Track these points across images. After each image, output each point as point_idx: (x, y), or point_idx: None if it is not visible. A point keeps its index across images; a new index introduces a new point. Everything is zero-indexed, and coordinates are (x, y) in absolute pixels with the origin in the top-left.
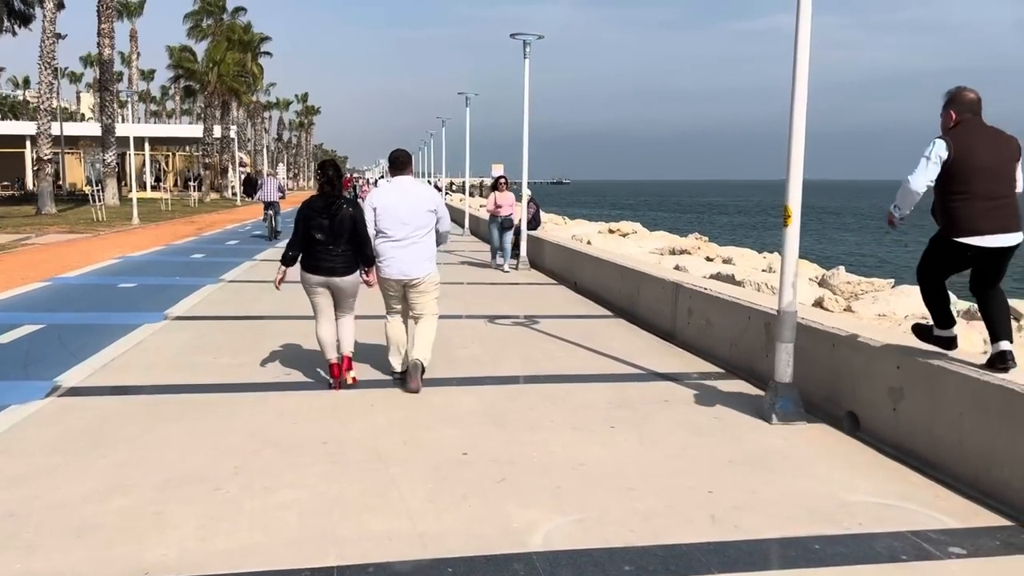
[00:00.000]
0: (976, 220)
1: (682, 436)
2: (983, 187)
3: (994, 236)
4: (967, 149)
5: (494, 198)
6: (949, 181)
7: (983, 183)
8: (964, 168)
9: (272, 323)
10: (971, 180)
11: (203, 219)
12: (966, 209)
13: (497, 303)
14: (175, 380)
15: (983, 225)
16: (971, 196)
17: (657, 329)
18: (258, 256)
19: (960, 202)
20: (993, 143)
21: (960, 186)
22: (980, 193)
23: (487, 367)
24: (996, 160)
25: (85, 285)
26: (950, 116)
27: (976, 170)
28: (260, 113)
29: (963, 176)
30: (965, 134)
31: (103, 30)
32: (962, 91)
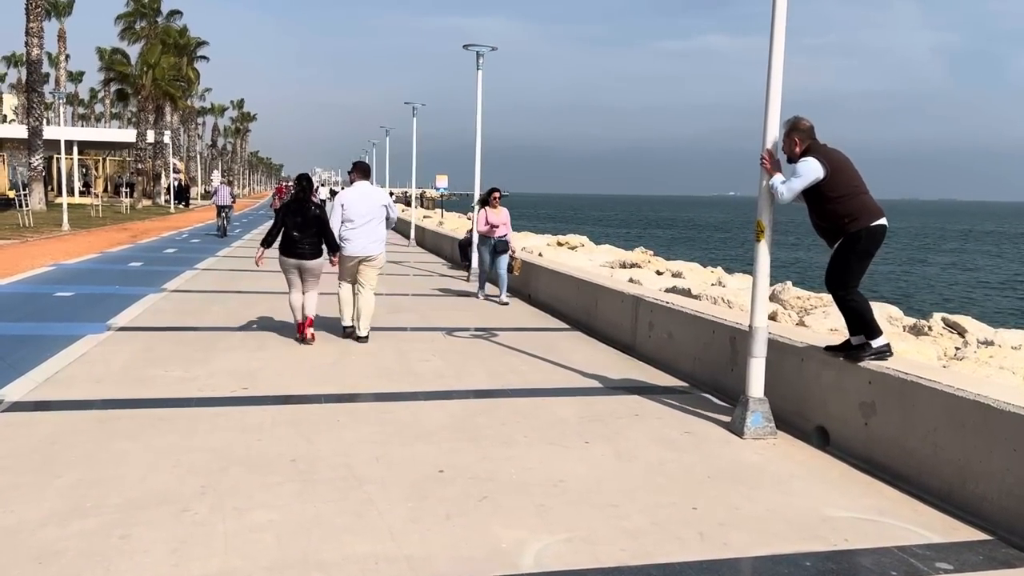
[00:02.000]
0: (872, 207)
1: (657, 451)
2: (858, 184)
3: (884, 218)
4: (836, 161)
5: (485, 215)
6: (834, 189)
7: (855, 181)
8: (843, 175)
9: (223, 335)
10: (853, 181)
11: (137, 226)
12: (863, 202)
13: (453, 315)
14: (126, 394)
15: (876, 210)
16: (859, 193)
17: (616, 342)
18: (199, 265)
19: (856, 198)
20: (835, 151)
21: (846, 189)
22: (862, 189)
23: (451, 381)
24: (848, 164)
25: (18, 294)
26: (795, 142)
27: (844, 172)
28: (194, 119)
29: (845, 180)
30: (825, 151)
31: (31, 29)
32: (800, 120)
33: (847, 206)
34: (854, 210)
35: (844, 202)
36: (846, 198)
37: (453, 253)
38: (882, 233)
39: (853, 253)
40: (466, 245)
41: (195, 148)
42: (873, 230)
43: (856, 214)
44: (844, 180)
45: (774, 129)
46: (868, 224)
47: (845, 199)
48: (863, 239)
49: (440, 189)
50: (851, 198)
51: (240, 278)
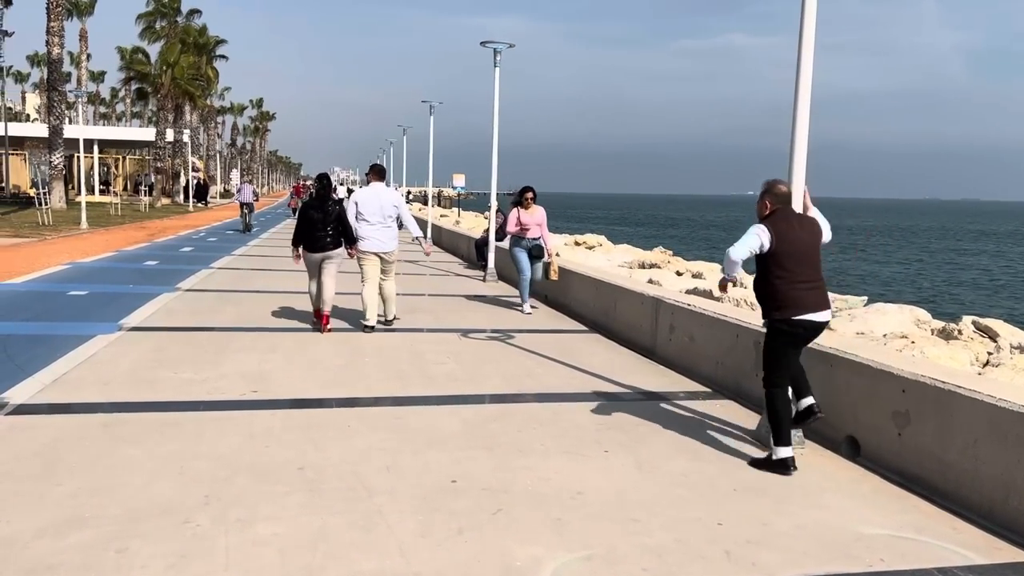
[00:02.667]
0: (801, 300)
1: (680, 461)
2: (799, 271)
3: (816, 313)
4: (785, 237)
5: (517, 216)
6: (772, 265)
7: (798, 268)
8: (782, 253)
9: (234, 335)
10: (789, 265)
11: (155, 224)
12: (790, 291)
13: (468, 316)
14: (134, 397)
15: (807, 305)
16: (792, 280)
17: (636, 345)
18: (215, 264)
19: (782, 283)
20: (802, 231)
21: (781, 271)
22: (798, 279)
23: (466, 385)
24: (805, 248)
25: (32, 292)
26: (765, 205)
27: (791, 256)
28: (214, 118)
29: (782, 261)
30: (781, 223)
31: (52, 28)
32: (777, 184)
33: (777, 289)
34: (782, 297)
35: (776, 285)
36: (780, 281)
37: (470, 253)
38: (809, 328)
39: (773, 342)
40: (482, 244)
41: (215, 147)
42: (794, 324)
43: (782, 302)
44: (784, 262)
45: (803, 136)
46: (790, 316)
47: (779, 282)
48: (781, 332)
49: (457, 188)
50: (784, 283)
51: (254, 277)
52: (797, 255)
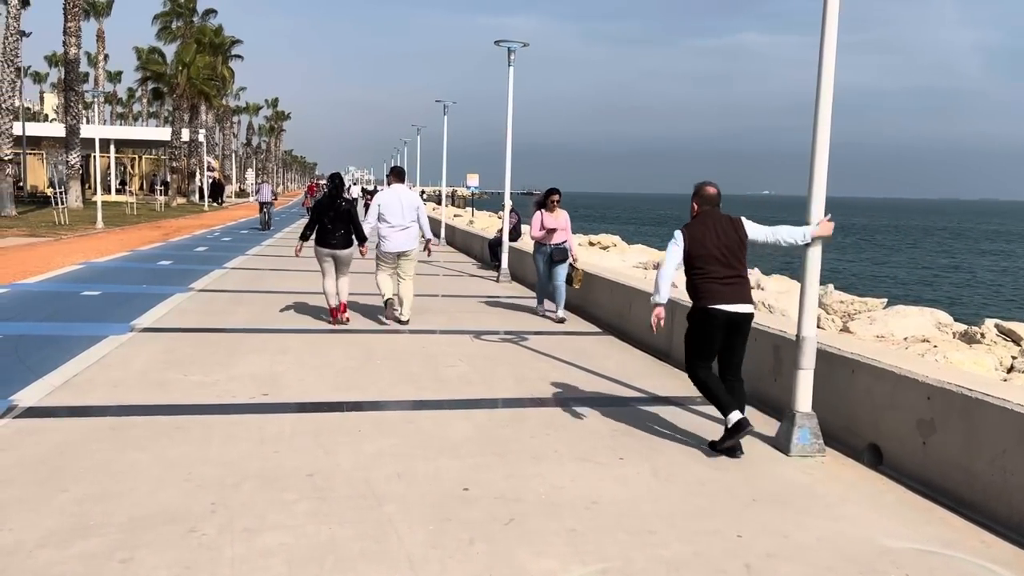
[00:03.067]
0: (713, 294)
1: (697, 469)
2: (713, 269)
3: (732, 304)
4: (697, 242)
5: (540, 219)
6: (690, 264)
7: (712, 267)
8: (696, 256)
9: (245, 336)
10: (705, 265)
11: (170, 224)
12: (704, 285)
13: (481, 318)
14: (143, 399)
15: (718, 297)
16: (706, 277)
17: (651, 348)
18: (228, 264)
19: (699, 280)
20: (721, 234)
21: (697, 269)
22: (712, 275)
23: (479, 388)
24: (720, 249)
25: (46, 292)
26: (694, 207)
27: (705, 258)
28: (229, 117)
29: (699, 261)
30: (697, 227)
31: (69, 28)
32: (704, 186)
33: (695, 284)
34: (699, 289)
35: (694, 279)
36: (697, 277)
37: (483, 253)
38: (718, 318)
39: (690, 329)
40: (496, 245)
41: (230, 147)
42: (703, 313)
43: (699, 294)
44: (696, 262)
45: (824, 137)
46: (706, 306)
47: (696, 277)
48: (701, 320)
49: (471, 188)
50: (700, 278)
51: (267, 277)
52: (710, 256)
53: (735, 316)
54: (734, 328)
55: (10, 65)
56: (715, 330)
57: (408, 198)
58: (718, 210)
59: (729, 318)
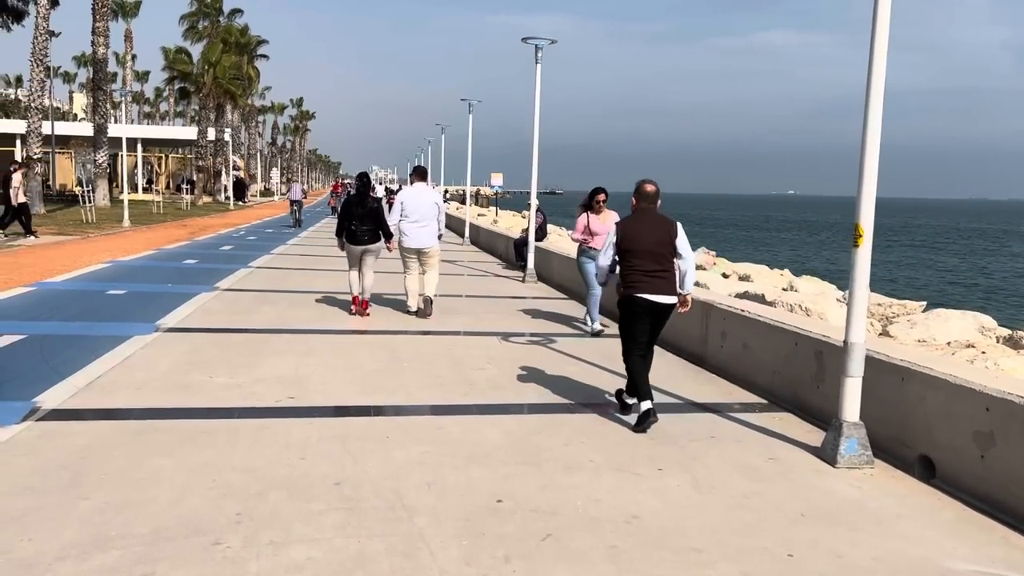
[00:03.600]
0: (639, 284)
1: (740, 482)
2: (641, 264)
3: (654, 295)
4: (629, 237)
5: (586, 222)
6: (622, 257)
7: (641, 261)
8: (628, 250)
9: (271, 337)
10: (633, 258)
11: (196, 223)
12: (632, 276)
13: (508, 319)
14: (167, 402)
15: (644, 288)
16: (634, 269)
17: (684, 351)
18: (254, 263)
19: (628, 271)
20: (652, 231)
21: (627, 261)
22: (639, 268)
23: (508, 392)
24: (649, 245)
25: (71, 291)
26: (633, 203)
27: (635, 252)
28: (255, 117)
29: (628, 255)
30: (632, 224)
31: (97, 28)
32: (643, 184)
33: (624, 274)
34: (627, 279)
35: (623, 270)
36: (626, 268)
37: (508, 252)
38: (641, 306)
39: (621, 315)
40: (521, 245)
41: (255, 146)
42: (629, 300)
43: (627, 283)
44: (626, 255)
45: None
46: (631, 294)
47: (625, 268)
48: (626, 306)
49: (495, 187)
50: (628, 269)
51: (292, 277)
52: (640, 251)
53: (658, 306)
54: (657, 315)
55: (39, 65)
56: (641, 318)
57: (429, 196)
58: (654, 208)
59: (652, 306)
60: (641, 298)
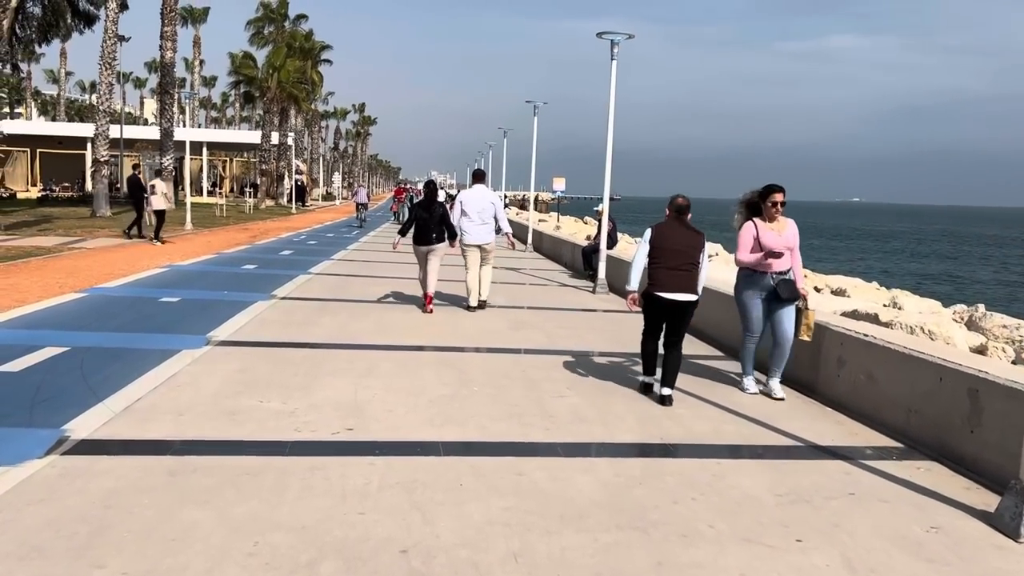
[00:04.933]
0: (662, 281)
1: (902, 560)
2: (667, 261)
3: (673, 293)
4: (661, 236)
5: (753, 232)
6: (651, 256)
7: (668, 259)
8: (657, 248)
9: (330, 353)
10: (661, 257)
11: (257, 226)
12: (657, 274)
13: (583, 336)
14: (211, 433)
15: (667, 285)
16: (661, 266)
17: (788, 377)
18: (313, 269)
19: (654, 269)
20: (680, 236)
21: (654, 260)
22: (666, 265)
23: (595, 427)
24: (679, 246)
25: (124, 298)
26: (667, 212)
27: (664, 251)
28: (318, 122)
29: (657, 253)
30: (663, 227)
31: (165, 32)
32: (675, 199)
33: (649, 270)
34: (652, 275)
35: (649, 268)
36: (651, 265)
37: (574, 260)
38: (666, 305)
39: (645, 307)
40: (590, 252)
41: (318, 151)
42: (654, 298)
43: (651, 280)
44: (655, 253)
45: None
46: (651, 292)
47: (651, 265)
48: (648, 302)
49: (557, 192)
50: (653, 267)
51: (352, 285)
52: (668, 250)
53: (677, 303)
54: (677, 312)
55: (107, 68)
56: (660, 312)
57: (487, 197)
58: (685, 218)
59: (672, 303)
60: (662, 298)
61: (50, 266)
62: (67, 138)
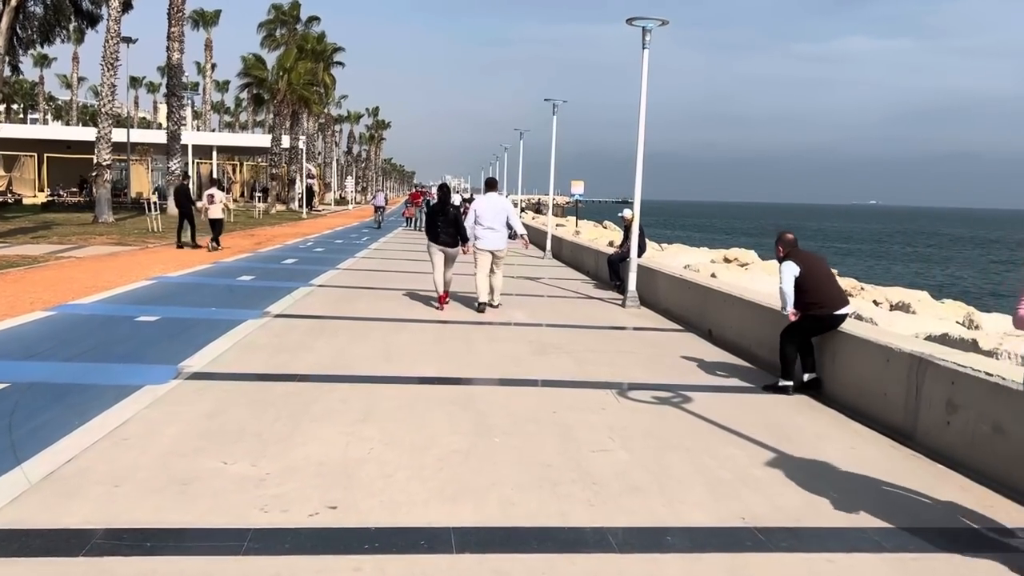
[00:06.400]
0: (834, 297)
1: None
2: (822, 285)
3: (836, 308)
4: (806, 264)
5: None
6: (802, 283)
7: (821, 283)
8: (810, 275)
9: (322, 388)
10: (814, 280)
11: (264, 232)
12: (828, 293)
13: (619, 362)
14: (147, 517)
15: (829, 303)
16: (817, 290)
17: (870, 416)
18: (316, 280)
19: (819, 293)
20: (816, 261)
21: (815, 286)
22: (820, 288)
23: (654, 500)
24: (821, 269)
25: (95, 317)
26: (779, 250)
27: (815, 276)
28: (331, 126)
29: (810, 281)
30: (803, 256)
31: (172, 33)
32: (785, 234)
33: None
34: (810, 300)
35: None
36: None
37: (598, 269)
38: (830, 321)
39: (805, 326)
40: (618, 261)
41: (331, 155)
42: (822, 317)
43: (812, 303)
44: (808, 281)
45: None
46: (825, 312)
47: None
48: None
49: (576, 196)
50: (816, 292)
51: (357, 299)
52: (818, 274)
53: (838, 317)
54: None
55: (110, 69)
56: (823, 329)
57: (499, 204)
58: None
59: (836, 319)
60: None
61: (29, 278)
62: (75, 142)
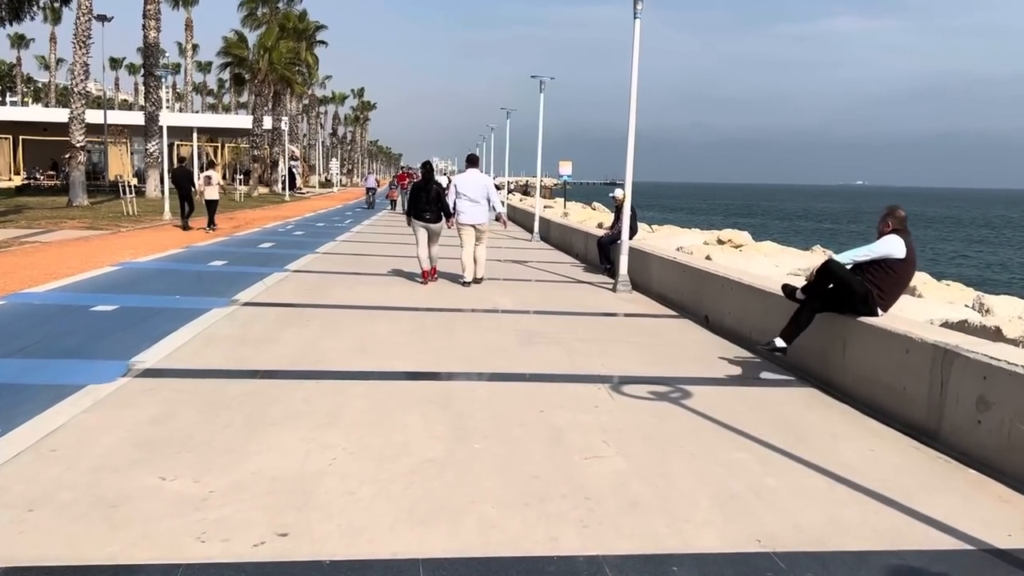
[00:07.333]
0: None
1: None
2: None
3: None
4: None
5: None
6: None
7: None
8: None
9: (285, 386)
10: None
11: (243, 215)
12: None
13: (612, 351)
14: (56, 552)
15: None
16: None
17: (887, 412)
18: (291, 265)
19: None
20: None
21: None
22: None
23: (657, 520)
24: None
25: (47, 307)
26: (887, 224)
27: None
28: (316, 107)
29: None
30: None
31: (148, 11)
32: (897, 209)
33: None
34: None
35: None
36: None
37: (588, 252)
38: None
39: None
40: (607, 244)
41: (316, 136)
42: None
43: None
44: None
45: None
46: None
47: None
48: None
49: (564, 177)
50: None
51: (334, 285)
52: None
53: None
54: None
55: (82, 47)
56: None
57: (480, 180)
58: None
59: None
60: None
61: None
62: (51, 124)
